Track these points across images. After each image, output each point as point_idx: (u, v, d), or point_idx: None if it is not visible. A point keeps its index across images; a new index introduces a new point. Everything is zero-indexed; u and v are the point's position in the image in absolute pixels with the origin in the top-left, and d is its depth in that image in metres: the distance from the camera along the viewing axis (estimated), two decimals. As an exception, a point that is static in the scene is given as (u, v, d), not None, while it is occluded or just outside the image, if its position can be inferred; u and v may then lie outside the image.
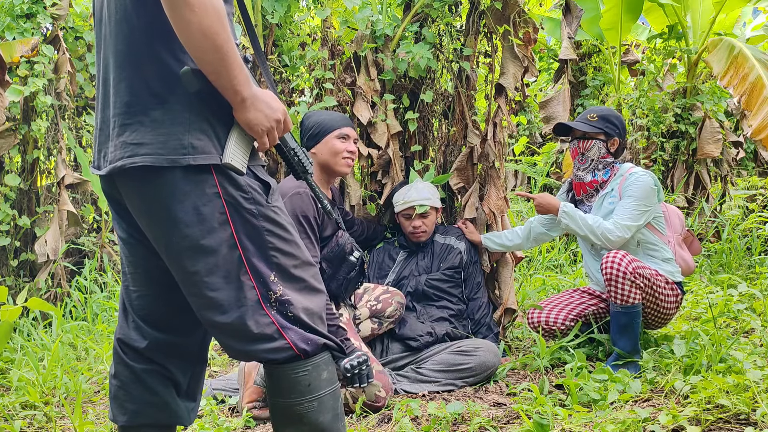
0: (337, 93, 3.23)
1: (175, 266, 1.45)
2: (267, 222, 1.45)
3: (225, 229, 1.41)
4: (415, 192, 3.05)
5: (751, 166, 6.98)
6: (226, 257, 1.42)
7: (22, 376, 2.91)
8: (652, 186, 2.91)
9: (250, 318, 1.43)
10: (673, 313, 2.97)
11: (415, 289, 3.08)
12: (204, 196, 1.39)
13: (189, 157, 1.36)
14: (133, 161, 1.37)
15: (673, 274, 2.95)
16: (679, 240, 3.12)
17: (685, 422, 2.08)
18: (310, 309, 1.50)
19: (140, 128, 1.38)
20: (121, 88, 1.41)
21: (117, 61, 1.42)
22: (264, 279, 1.44)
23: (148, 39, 1.39)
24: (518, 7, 3.08)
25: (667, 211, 3.13)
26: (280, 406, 1.50)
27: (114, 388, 1.63)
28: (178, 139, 1.36)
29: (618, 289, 2.78)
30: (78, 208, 4.67)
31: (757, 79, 4.60)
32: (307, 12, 4.23)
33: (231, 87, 1.35)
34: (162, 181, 1.38)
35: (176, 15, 1.26)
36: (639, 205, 2.86)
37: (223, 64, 1.31)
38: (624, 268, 2.76)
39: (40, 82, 4.20)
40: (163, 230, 1.42)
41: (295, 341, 1.45)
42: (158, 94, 1.38)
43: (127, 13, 1.40)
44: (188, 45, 1.30)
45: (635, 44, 7.30)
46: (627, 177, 2.96)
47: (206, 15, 1.26)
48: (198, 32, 1.27)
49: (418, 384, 2.78)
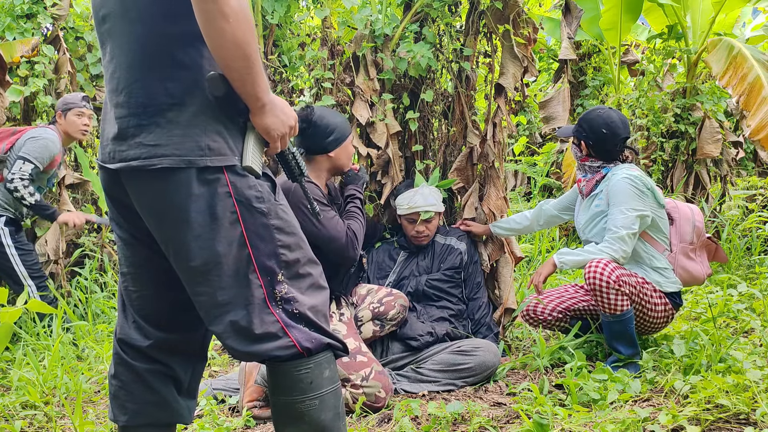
0: (337, 93, 3.23)
1: (183, 266, 1.46)
2: (276, 220, 1.47)
3: (236, 228, 1.43)
4: (420, 198, 3.06)
5: (751, 166, 6.98)
6: (236, 256, 1.43)
7: (23, 375, 2.91)
8: (632, 188, 2.78)
9: (256, 317, 1.44)
10: (661, 323, 2.88)
11: (416, 289, 3.08)
12: (216, 196, 1.41)
13: (206, 159, 1.39)
14: (151, 162, 1.38)
15: (661, 284, 2.83)
16: (687, 249, 2.95)
17: (684, 422, 2.08)
18: (315, 306, 1.51)
19: (156, 129, 1.39)
20: (136, 89, 1.41)
21: (129, 60, 1.43)
22: (271, 277, 1.46)
23: (167, 41, 1.39)
24: (518, 7, 3.09)
25: (679, 216, 2.97)
26: (282, 404, 1.51)
27: (114, 388, 1.63)
28: (195, 140, 1.39)
29: (604, 300, 2.71)
30: (78, 208, 4.66)
31: (755, 80, 4.60)
32: (307, 12, 4.24)
33: (254, 93, 1.39)
34: (177, 181, 1.39)
35: (211, 25, 1.29)
36: (625, 209, 2.75)
37: (249, 71, 1.35)
38: (607, 277, 2.67)
39: (41, 82, 4.20)
40: (175, 230, 1.43)
41: (299, 339, 1.46)
42: (175, 96, 1.39)
43: (143, 14, 1.40)
44: (219, 53, 1.33)
45: (635, 44, 7.31)
46: (610, 181, 2.87)
47: (239, 25, 1.30)
48: (231, 42, 1.30)
49: (418, 384, 2.78)
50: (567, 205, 3.21)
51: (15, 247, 3.67)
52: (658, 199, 2.85)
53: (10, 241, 3.66)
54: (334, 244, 2.61)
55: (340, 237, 2.60)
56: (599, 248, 2.77)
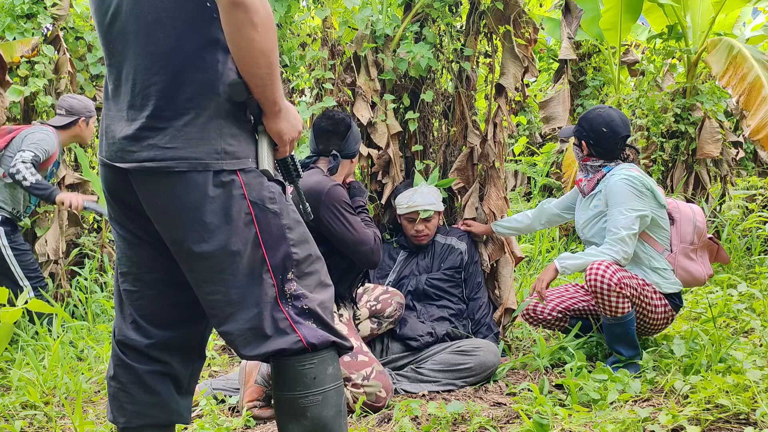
0: (337, 93, 3.23)
1: (196, 268, 1.47)
2: (287, 219, 1.51)
3: (250, 229, 1.46)
4: (419, 197, 3.06)
5: (751, 166, 6.98)
6: (251, 256, 1.46)
7: (23, 376, 2.91)
8: (630, 188, 2.76)
9: (268, 315, 1.47)
10: (661, 324, 2.87)
11: (416, 288, 3.08)
12: (231, 198, 1.43)
13: (222, 162, 1.42)
14: (167, 165, 1.40)
15: (660, 286, 2.82)
16: (688, 249, 2.91)
17: (684, 422, 2.08)
18: (324, 302, 1.54)
19: (173, 132, 1.41)
20: (152, 92, 1.42)
21: (146, 63, 1.43)
22: (283, 275, 1.49)
23: (186, 45, 1.41)
24: (518, 7, 3.09)
25: (680, 216, 2.93)
26: (285, 399, 1.52)
27: (113, 389, 1.63)
28: (212, 144, 1.41)
29: (606, 302, 2.70)
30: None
31: (755, 80, 4.60)
32: (307, 12, 4.23)
33: (272, 98, 1.43)
34: (193, 184, 1.41)
35: (241, 34, 1.33)
36: (624, 210, 2.74)
37: (271, 78, 1.40)
38: (608, 280, 2.66)
39: (41, 82, 4.20)
40: (191, 231, 1.44)
41: (306, 336, 1.49)
42: (191, 100, 1.41)
43: (162, 17, 1.41)
44: (245, 60, 1.37)
45: (635, 44, 7.30)
46: (608, 181, 2.85)
47: (267, 34, 1.34)
48: (258, 50, 1.35)
49: (418, 384, 2.78)
50: (568, 204, 3.21)
51: (11, 247, 3.67)
52: (658, 199, 2.84)
53: (6, 241, 3.66)
54: (364, 247, 2.61)
55: (369, 241, 2.62)
56: (600, 250, 2.75)
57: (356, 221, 2.61)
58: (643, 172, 2.92)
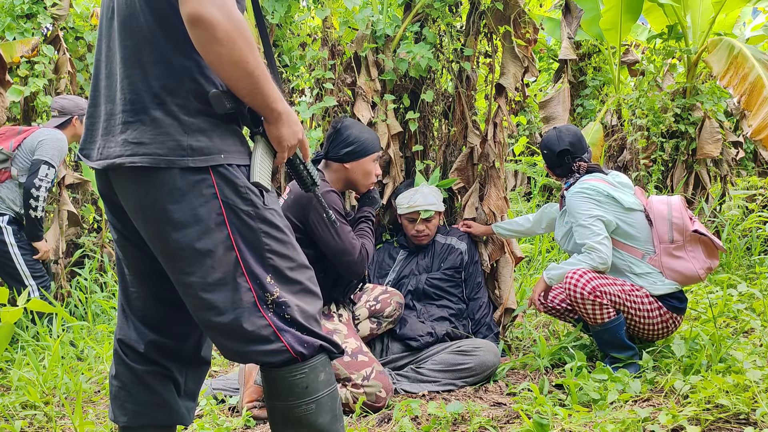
0: (338, 93, 3.23)
1: (170, 267, 1.45)
2: (263, 224, 1.45)
3: (221, 230, 1.41)
4: (420, 197, 3.06)
5: (751, 166, 6.97)
6: (222, 259, 1.42)
7: (23, 375, 2.91)
8: (585, 199, 2.80)
9: (246, 320, 1.43)
10: (660, 328, 2.81)
11: (416, 288, 3.08)
12: (201, 197, 1.39)
13: (188, 159, 1.38)
14: (132, 160, 1.37)
15: (649, 289, 2.78)
16: (670, 248, 2.81)
17: (684, 422, 2.08)
18: (306, 311, 1.50)
19: (141, 127, 1.39)
20: (125, 85, 1.41)
21: (123, 56, 1.43)
22: (260, 281, 1.44)
23: (155, 39, 1.39)
24: (518, 7, 3.09)
25: (654, 216, 2.84)
26: (278, 408, 1.51)
27: (115, 388, 1.63)
28: (177, 140, 1.38)
29: (583, 311, 2.71)
30: (78, 208, 4.67)
31: (756, 79, 4.60)
32: (307, 12, 4.24)
33: (266, 105, 1.40)
34: (159, 181, 1.38)
35: (207, 50, 1.31)
36: (584, 220, 2.78)
37: (255, 86, 1.36)
38: (581, 288, 2.68)
39: (41, 82, 4.20)
40: (159, 231, 1.42)
41: (292, 344, 1.45)
42: (158, 95, 1.39)
43: (136, 11, 1.40)
44: (221, 75, 1.35)
45: (635, 44, 7.30)
46: (567, 198, 2.90)
47: (235, 46, 1.30)
48: (229, 63, 1.31)
49: (418, 384, 2.78)
50: None
51: (18, 246, 3.67)
52: (621, 203, 2.82)
53: (14, 239, 3.66)
54: (346, 257, 2.57)
55: (353, 252, 2.58)
56: (579, 259, 2.80)
57: (343, 230, 2.56)
58: (610, 180, 2.89)
